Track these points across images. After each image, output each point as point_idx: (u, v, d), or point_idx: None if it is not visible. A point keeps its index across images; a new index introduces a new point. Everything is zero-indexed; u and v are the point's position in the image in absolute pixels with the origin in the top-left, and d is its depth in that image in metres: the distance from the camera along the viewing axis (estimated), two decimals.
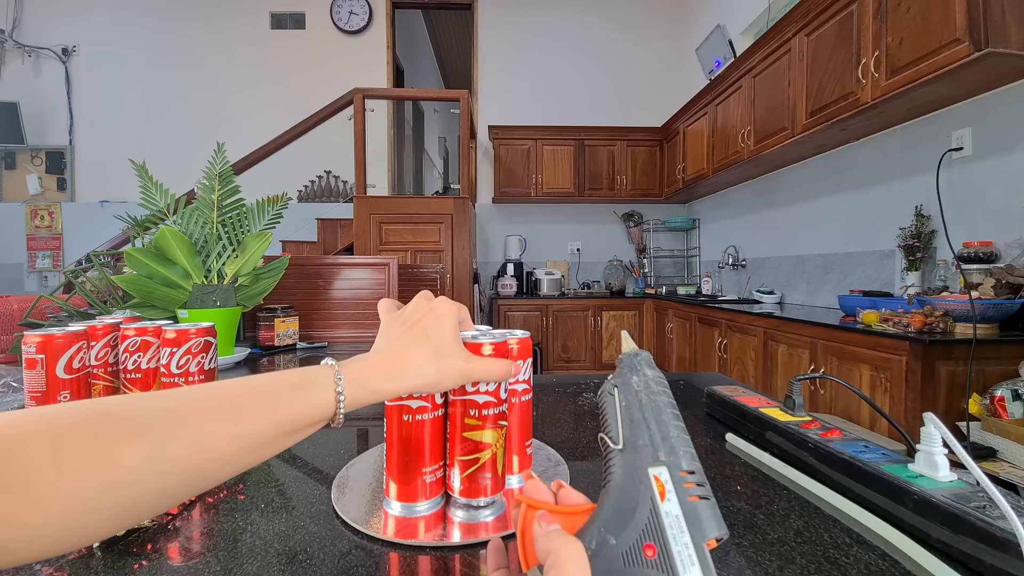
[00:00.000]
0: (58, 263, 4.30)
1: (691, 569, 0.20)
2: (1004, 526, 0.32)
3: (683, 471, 0.23)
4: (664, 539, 0.21)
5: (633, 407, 0.26)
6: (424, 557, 0.36)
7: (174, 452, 0.26)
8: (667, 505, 0.22)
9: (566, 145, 4.11)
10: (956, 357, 1.47)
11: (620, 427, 0.25)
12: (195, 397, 0.28)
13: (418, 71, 5.81)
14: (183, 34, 4.32)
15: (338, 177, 4.34)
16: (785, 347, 2.13)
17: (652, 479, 0.23)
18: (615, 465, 0.24)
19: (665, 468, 0.23)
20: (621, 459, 0.24)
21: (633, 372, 0.27)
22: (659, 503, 0.22)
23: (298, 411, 0.31)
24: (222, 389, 0.30)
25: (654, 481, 0.23)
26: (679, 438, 0.24)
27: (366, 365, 0.35)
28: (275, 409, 0.30)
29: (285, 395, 0.31)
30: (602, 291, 4.21)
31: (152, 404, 0.27)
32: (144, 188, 1.11)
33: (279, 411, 0.30)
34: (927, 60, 1.61)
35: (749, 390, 0.68)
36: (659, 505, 0.22)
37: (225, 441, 0.28)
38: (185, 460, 0.26)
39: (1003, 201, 1.73)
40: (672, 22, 4.47)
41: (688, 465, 0.23)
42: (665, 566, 0.20)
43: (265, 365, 1.11)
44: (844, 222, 2.51)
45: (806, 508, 0.43)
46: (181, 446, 0.26)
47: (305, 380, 0.32)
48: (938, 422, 0.38)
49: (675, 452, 0.24)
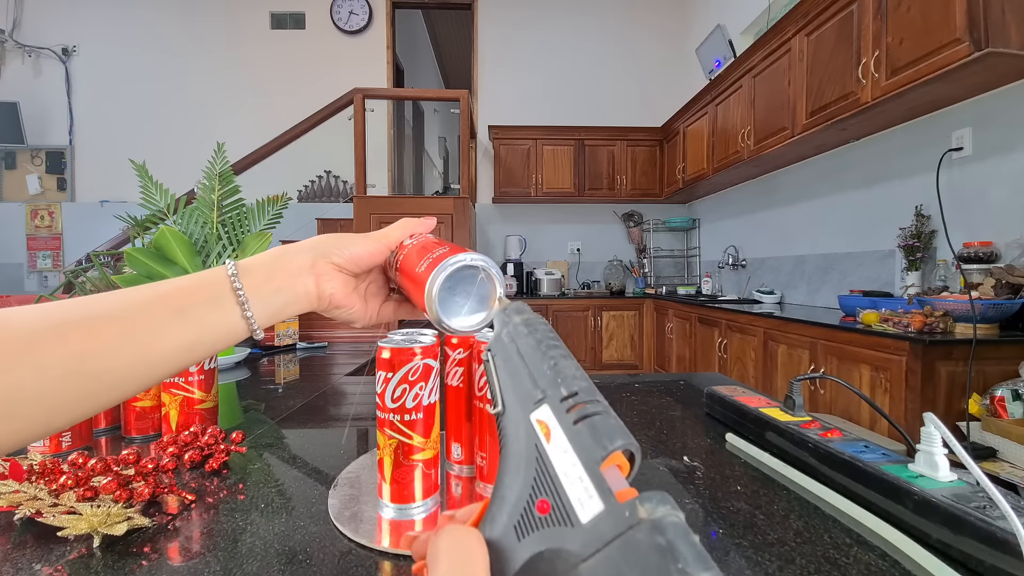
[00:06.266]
0: (58, 263, 4.30)
1: (589, 504, 0.15)
2: (1004, 526, 0.31)
3: (562, 398, 0.19)
4: (556, 485, 0.17)
5: (508, 361, 0.22)
6: None
7: (60, 371, 0.25)
8: (553, 444, 0.18)
9: (566, 145, 4.11)
10: (956, 357, 1.47)
11: (499, 389, 0.22)
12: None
13: (418, 71, 5.81)
14: (183, 34, 4.32)
15: (338, 177, 4.33)
16: (785, 347, 2.12)
17: (536, 424, 0.19)
18: (501, 433, 0.21)
19: (545, 406, 0.19)
20: (504, 422, 0.21)
21: (503, 326, 0.24)
22: (545, 447, 0.18)
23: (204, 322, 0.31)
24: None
25: (538, 426, 0.19)
26: (555, 367, 0.20)
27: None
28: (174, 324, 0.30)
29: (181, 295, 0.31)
30: (602, 291, 4.21)
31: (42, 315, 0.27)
32: (144, 188, 1.10)
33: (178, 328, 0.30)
34: (927, 60, 1.61)
35: (749, 390, 0.68)
36: (545, 449, 0.18)
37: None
38: (71, 378, 0.26)
39: (1003, 201, 1.73)
40: (672, 22, 4.47)
41: (567, 389, 0.19)
42: (561, 516, 0.16)
43: (265, 365, 1.11)
44: (844, 222, 2.50)
45: (806, 508, 0.43)
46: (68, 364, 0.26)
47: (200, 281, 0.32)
48: (938, 422, 0.38)
49: (551, 382, 0.19)
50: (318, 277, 0.35)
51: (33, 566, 0.34)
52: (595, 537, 0.14)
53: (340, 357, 1.22)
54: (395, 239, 0.38)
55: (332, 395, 0.85)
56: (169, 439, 0.53)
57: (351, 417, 0.73)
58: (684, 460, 0.54)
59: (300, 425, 0.68)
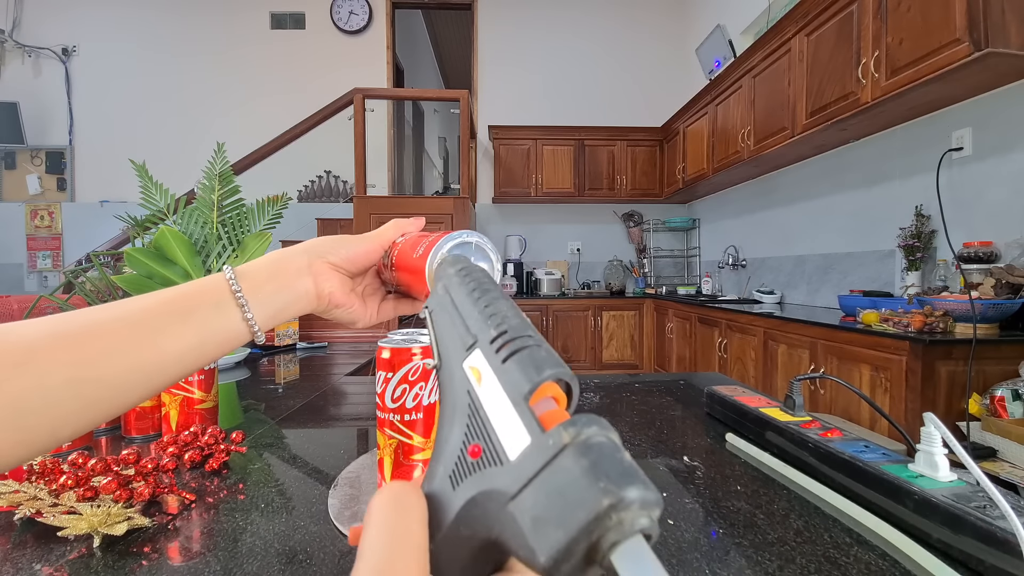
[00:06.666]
0: (58, 263, 4.30)
1: (517, 439, 0.14)
2: (1004, 526, 0.31)
3: (492, 339, 0.18)
4: (487, 427, 0.16)
5: (444, 312, 0.21)
6: None
7: (60, 378, 0.25)
8: (484, 386, 0.17)
9: (566, 145, 4.11)
10: (956, 357, 1.47)
11: (436, 343, 0.21)
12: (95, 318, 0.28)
13: (418, 71, 5.81)
14: (183, 34, 4.32)
15: (338, 177, 4.33)
16: (785, 347, 2.12)
17: (468, 371, 0.18)
18: (440, 387, 0.20)
19: (477, 350, 0.18)
20: (442, 376, 0.20)
21: (440, 280, 0.24)
22: (477, 391, 0.17)
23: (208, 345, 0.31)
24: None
25: (470, 372, 0.18)
26: (485, 309, 0.19)
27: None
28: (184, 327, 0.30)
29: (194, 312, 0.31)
30: (602, 291, 4.21)
31: (43, 328, 0.27)
32: (144, 188, 1.10)
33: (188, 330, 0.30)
34: (927, 60, 1.61)
35: (749, 390, 0.68)
36: (476, 392, 0.17)
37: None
38: (72, 386, 0.26)
39: (1003, 201, 1.73)
40: (672, 22, 4.47)
41: (496, 329, 0.18)
42: (492, 457, 0.15)
43: (265, 365, 1.11)
44: (844, 222, 2.51)
45: (806, 508, 0.43)
46: (69, 371, 0.26)
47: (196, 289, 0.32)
48: (938, 422, 0.38)
49: (482, 326, 0.19)
50: (316, 277, 0.35)
51: (33, 566, 0.34)
52: (523, 472, 0.13)
53: (340, 357, 1.22)
54: (388, 238, 0.39)
55: (332, 395, 0.85)
56: (169, 439, 0.53)
57: (350, 416, 0.73)
58: (684, 460, 0.54)
59: (300, 425, 0.68)
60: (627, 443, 0.57)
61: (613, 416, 0.69)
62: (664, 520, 0.41)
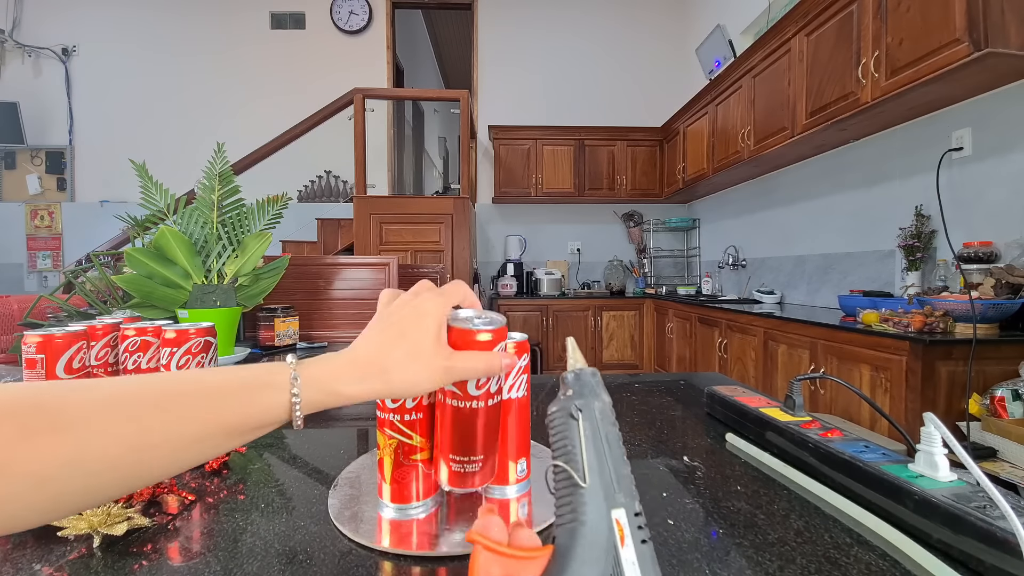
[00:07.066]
0: (58, 263, 4.30)
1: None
2: (1004, 526, 0.31)
3: (636, 513, 0.23)
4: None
5: (596, 439, 0.24)
6: (419, 567, 0.36)
7: (103, 449, 0.25)
8: (626, 551, 0.22)
9: (566, 145, 4.11)
10: (956, 357, 1.47)
11: (585, 461, 0.24)
12: (133, 389, 0.27)
13: (418, 71, 5.81)
14: (183, 34, 4.32)
15: (338, 177, 4.34)
16: (785, 347, 2.12)
17: (614, 523, 0.22)
18: (579, 505, 0.23)
19: (623, 510, 0.22)
20: (585, 499, 0.23)
21: (594, 397, 0.26)
22: (620, 549, 0.22)
23: (247, 411, 0.29)
24: (166, 382, 0.28)
25: (615, 525, 0.22)
26: (629, 476, 0.24)
27: (333, 366, 0.33)
28: (221, 407, 0.28)
29: (234, 393, 0.29)
30: (602, 291, 4.21)
31: (85, 395, 0.26)
32: (144, 188, 1.11)
33: (225, 410, 0.28)
34: (927, 60, 1.61)
35: (749, 390, 0.68)
36: (620, 552, 0.22)
37: (160, 439, 0.26)
38: (115, 457, 0.25)
39: (1003, 201, 1.73)
40: (672, 22, 4.47)
41: (638, 506, 0.23)
42: None
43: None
44: (844, 222, 2.51)
45: (806, 508, 0.43)
46: (111, 442, 0.25)
47: (259, 379, 0.30)
48: (938, 422, 0.38)
49: (629, 493, 0.23)
50: None
51: (33, 566, 0.34)
52: None
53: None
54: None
55: None
56: None
57: (351, 416, 0.73)
58: (684, 460, 0.54)
59: None
60: (627, 443, 0.57)
61: None
62: (664, 520, 0.41)
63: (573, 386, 0.26)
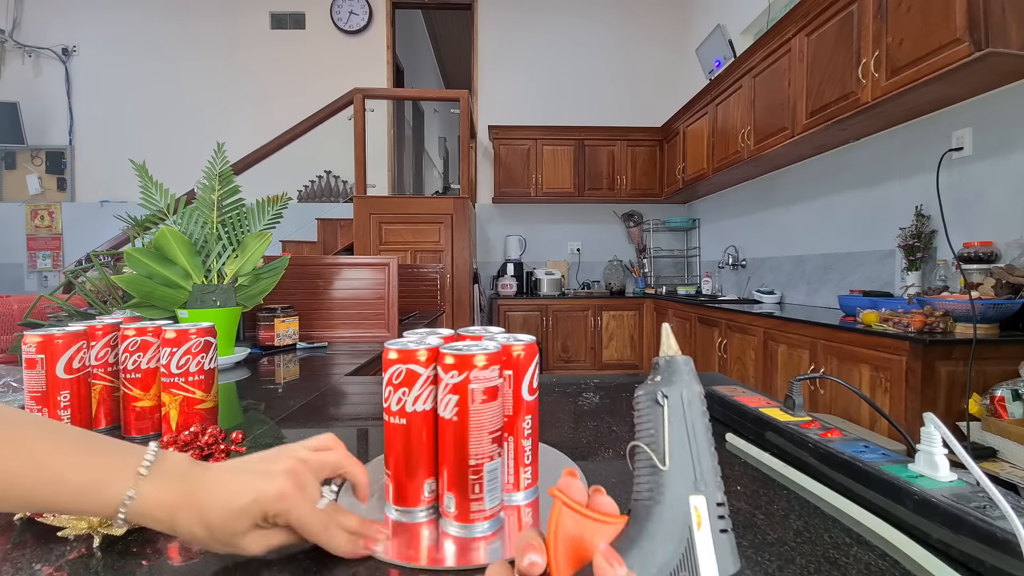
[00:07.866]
0: (58, 263, 4.30)
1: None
2: (1004, 526, 0.31)
3: (718, 503, 0.23)
4: (697, 572, 0.22)
5: (680, 425, 0.25)
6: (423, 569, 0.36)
7: None
8: (701, 536, 0.22)
9: (566, 145, 4.11)
10: (956, 357, 1.47)
11: (667, 445, 0.24)
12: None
13: (418, 71, 5.81)
14: (183, 34, 4.33)
15: (338, 177, 4.34)
16: (785, 347, 2.12)
17: (692, 508, 0.23)
18: (657, 486, 0.24)
19: (703, 498, 0.23)
20: (664, 481, 0.24)
21: (683, 384, 0.26)
22: (695, 533, 0.22)
23: (69, 508, 0.32)
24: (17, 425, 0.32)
25: (693, 511, 0.23)
26: (716, 467, 0.24)
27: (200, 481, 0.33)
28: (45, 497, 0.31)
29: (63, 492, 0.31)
30: (602, 291, 4.22)
31: None
32: (144, 188, 1.10)
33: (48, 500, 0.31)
34: (927, 60, 1.61)
35: (749, 390, 0.68)
36: (695, 535, 0.22)
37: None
38: None
39: (1003, 201, 1.73)
40: (672, 22, 4.47)
41: (721, 496, 0.24)
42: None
43: (265, 365, 1.12)
44: (844, 222, 2.51)
45: (806, 508, 0.43)
46: None
47: (93, 481, 0.32)
48: (938, 422, 0.38)
49: (713, 482, 0.24)
50: None
51: (33, 566, 0.34)
52: None
53: (340, 357, 1.22)
54: None
55: (332, 395, 0.85)
56: (169, 439, 0.53)
57: (351, 416, 0.73)
58: None
59: (300, 425, 0.68)
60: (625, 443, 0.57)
61: (613, 416, 0.69)
62: None
63: (663, 372, 0.26)
